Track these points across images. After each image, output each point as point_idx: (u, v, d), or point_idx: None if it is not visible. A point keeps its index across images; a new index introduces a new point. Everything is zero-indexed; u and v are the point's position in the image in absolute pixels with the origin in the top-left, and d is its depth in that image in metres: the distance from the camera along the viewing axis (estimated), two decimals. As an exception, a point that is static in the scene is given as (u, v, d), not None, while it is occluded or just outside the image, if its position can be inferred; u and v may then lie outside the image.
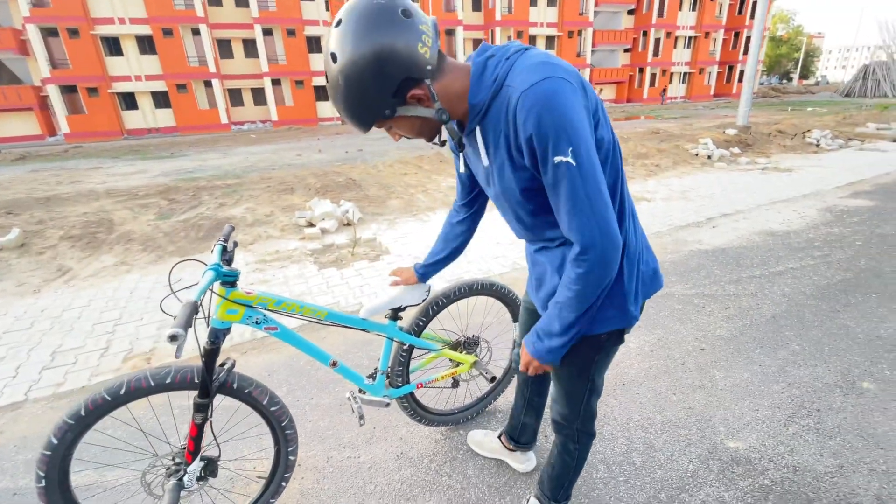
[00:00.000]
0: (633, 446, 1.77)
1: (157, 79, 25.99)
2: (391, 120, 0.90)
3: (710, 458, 1.70)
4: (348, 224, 5.14)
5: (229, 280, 1.17)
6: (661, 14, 36.28)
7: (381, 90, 0.82)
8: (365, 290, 3.40)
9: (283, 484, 1.47)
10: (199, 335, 1.16)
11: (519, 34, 32.41)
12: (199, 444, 1.27)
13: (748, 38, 41.00)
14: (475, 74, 0.89)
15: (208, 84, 26.82)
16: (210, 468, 1.33)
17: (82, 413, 1.11)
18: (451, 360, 1.75)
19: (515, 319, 1.89)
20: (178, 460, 1.28)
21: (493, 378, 1.69)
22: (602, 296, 0.99)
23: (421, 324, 1.59)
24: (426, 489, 1.63)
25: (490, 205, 1.31)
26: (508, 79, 0.85)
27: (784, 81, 70.42)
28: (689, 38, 39.28)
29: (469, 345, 1.75)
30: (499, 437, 1.72)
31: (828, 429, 1.81)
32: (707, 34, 39.48)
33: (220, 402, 1.29)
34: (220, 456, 1.33)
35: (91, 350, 2.77)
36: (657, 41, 37.34)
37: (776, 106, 24.54)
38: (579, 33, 34.82)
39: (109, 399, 1.12)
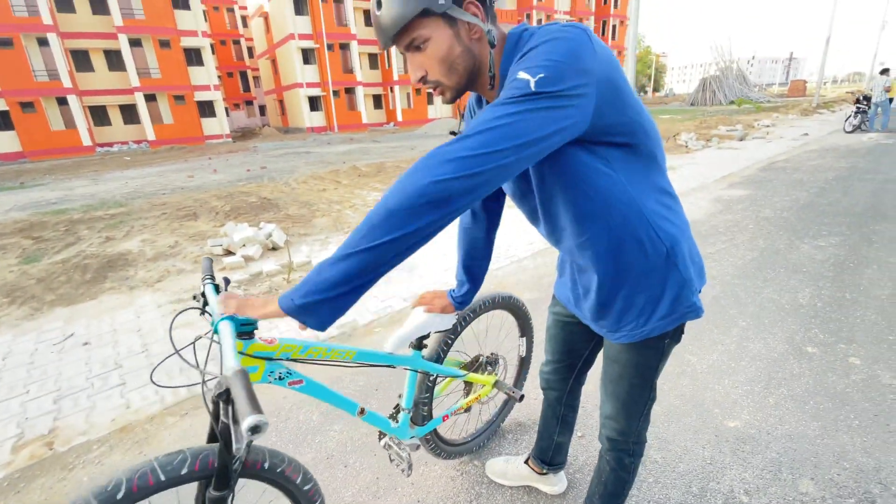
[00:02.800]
0: (649, 443, 1.77)
1: (-10, 96, 21.61)
2: (434, 23, 0.79)
3: (719, 441, 1.76)
4: (274, 249, 4.65)
5: (247, 330, 0.89)
6: None
7: None
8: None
9: None
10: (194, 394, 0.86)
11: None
12: None
13: (613, 56, 46.62)
14: (510, 43, 0.84)
15: (63, 101, 22.98)
16: None
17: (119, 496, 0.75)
18: (469, 383, 1.60)
19: (523, 333, 1.80)
20: None
21: (522, 397, 1.56)
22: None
23: (446, 349, 1.42)
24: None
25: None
26: (531, 39, 0.79)
27: (642, 94, 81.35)
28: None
29: (488, 364, 1.61)
30: (525, 462, 1.60)
31: (799, 394, 2.00)
32: (580, 52, 44.10)
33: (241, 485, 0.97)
34: None
35: (-44, 444, 2.08)
36: (539, 22, 40.33)
37: (643, 114, 28.06)
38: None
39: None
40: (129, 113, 25.85)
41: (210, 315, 0.93)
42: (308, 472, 1.05)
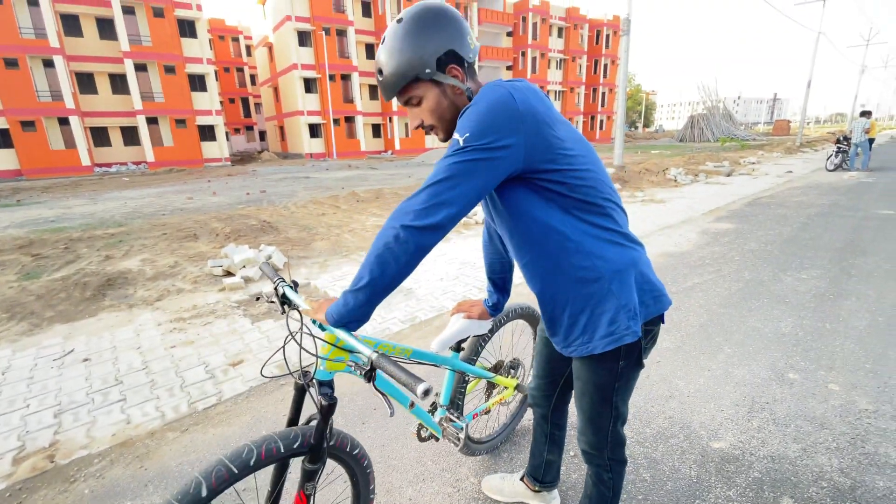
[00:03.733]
0: (639, 462, 1.84)
1: (-8, 115, 21.85)
2: (427, 86, 1.02)
3: (705, 461, 1.84)
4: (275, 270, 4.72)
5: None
6: (534, 37, 40.61)
7: (430, 46, 0.98)
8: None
9: None
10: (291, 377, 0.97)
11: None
12: None
13: (603, 94, 48.45)
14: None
15: (64, 122, 23.27)
16: None
17: (203, 494, 0.90)
18: (493, 384, 1.78)
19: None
20: None
21: None
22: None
23: (479, 352, 1.63)
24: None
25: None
26: None
27: (632, 129, 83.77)
28: (558, 91, 45.01)
29: (510, 368, 1.76)
30: (521, 480, 1.66)
31: (781, 418, 2.09)
32: (572, 89, 45.70)
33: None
34: None
35: (-45, 457, 2.09)
36: (534, 59, 41.55)
37: (630, 149, 28.92)
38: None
39: (236, 472, 0.96)
40: (130, 135, 26.17)
41: (296, 310, 1.18)
42: (370, 457, 1.26)
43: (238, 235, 5.87)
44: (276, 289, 1.24)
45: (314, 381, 1.10)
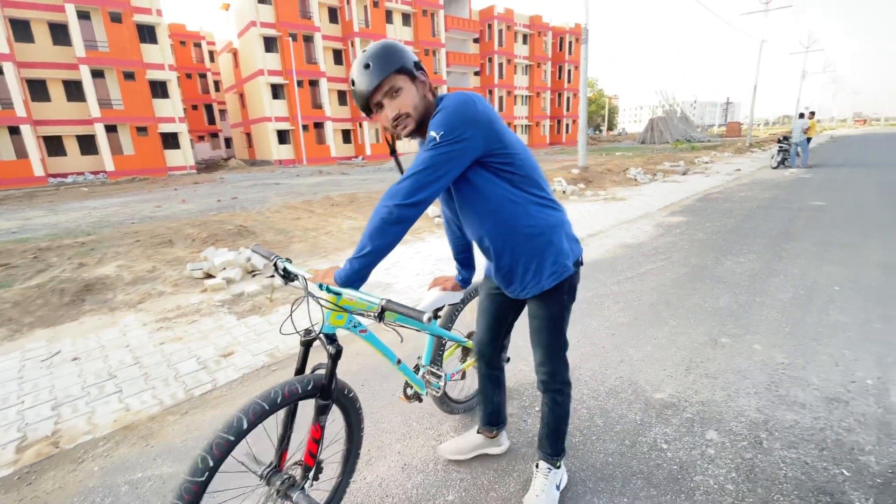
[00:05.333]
0: (593, 413, 2.16)
1: (-67, 124, 20.64)
2: (404, 78, 1.26)
3: (647, 408, 2.17)
4: (253, 272, 4.86)
5: (336, 291, 1.30)
6: (500, 44, 41.55)
7: (406, 54, 1.27)
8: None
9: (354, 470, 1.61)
10: (302, 333, 1.20)
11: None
12: (321, 447, 1.35)
13: (568, 98, 50.03)
14: (438, 101, 1.31)
15: (15, 131, 22.20)
16: (320, 469, 1.40)
17: (244, 426, 1.12)
18: (468, 349, 2.06)
19: None
20: (292, 473, 1.33)
21: (508, 359, 1.93)
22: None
23: (454, 319, 1.90)
24: (441, 487, 1.75)
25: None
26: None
27: (596, 132, 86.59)
28: (525, 96, 46.16)
29: None
30: (477, 432, 1.89)
31: (712, 372, 2.46)
32: (538, 94, 46.96)
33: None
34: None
35: (-44, 450, 2.19)
36: (500, 65, 42.53)
37: (594, 152, 30.04)
38: (434, 53, 37.78)
39: (267, 408, 1.17)
40: (87, 143, 25.20)
41: (299, 280, 1.39)
42: (360, 400, 1.52)
43: (215, 240, 5.94)
44: (275, 265, 1.43)
45: (321, 335, 1.34)
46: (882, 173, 11.48)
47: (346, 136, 35.29)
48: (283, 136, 31.50)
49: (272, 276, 1.47)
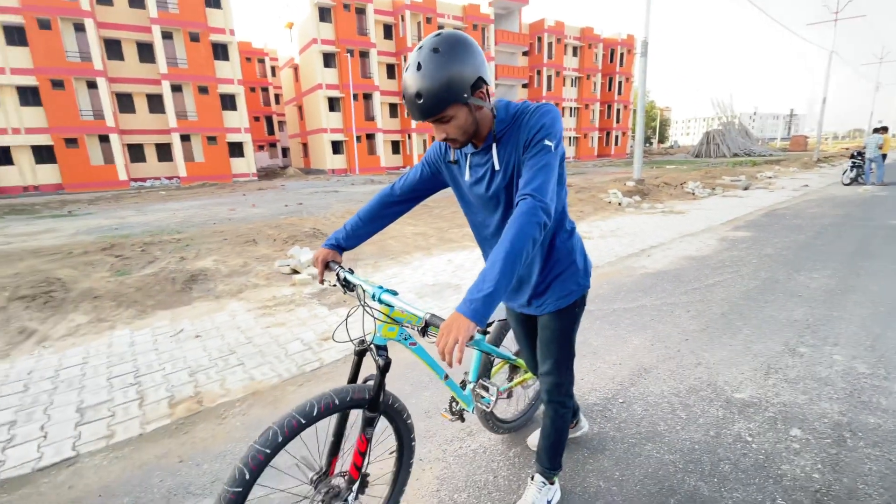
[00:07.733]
0: (675, 407, 2.31)
1: (40, 132, 23.32)
2: (459, 107, 1.16)
3: (729, 406, 2.30)
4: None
5: (388, 303, 1.32)
6: (550, 56, 41.64)
7: (466, 73, 1.12)
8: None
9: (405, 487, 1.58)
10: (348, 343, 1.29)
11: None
12: (367, 459, 1.33)
13: (618, 110, 49.13)
14: (499, 112, 1.28)
15: (105, 139, 24.71)
16: (365, 483, 1.37)
17: (279, 439, 1.12)
18: (516, 367, 2.04)
19: None
20: (337, 483, 1.32)
21: None
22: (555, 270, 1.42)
23: (502, 337, 1.90)
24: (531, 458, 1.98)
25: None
26: (522, 111, 1.28)
27: (647, 145, 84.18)
28: (573, 108, 45.81)
29: None
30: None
31: (792, 378, 2.54)
32: (587, 106, 46.48)
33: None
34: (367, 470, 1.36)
35: (122, 402, 2.64)
36: (549, 77, 42.45)
37: (645, 165, 29.31)
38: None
39: (304, 421, 1.17)
40: (163, 151, 27.56)
41: (361, 291, 1.38)
42: (409, 411, 1.50)
43: (295, 240, 6.49)
44: (337, 274, 1.46)
45: (372, 346, 1.32)
46: (974, 192, 10.60)
47: (396, 146, 36.46)
48: (336, 147, 33.04)
49: (334, 285, 1.51)
